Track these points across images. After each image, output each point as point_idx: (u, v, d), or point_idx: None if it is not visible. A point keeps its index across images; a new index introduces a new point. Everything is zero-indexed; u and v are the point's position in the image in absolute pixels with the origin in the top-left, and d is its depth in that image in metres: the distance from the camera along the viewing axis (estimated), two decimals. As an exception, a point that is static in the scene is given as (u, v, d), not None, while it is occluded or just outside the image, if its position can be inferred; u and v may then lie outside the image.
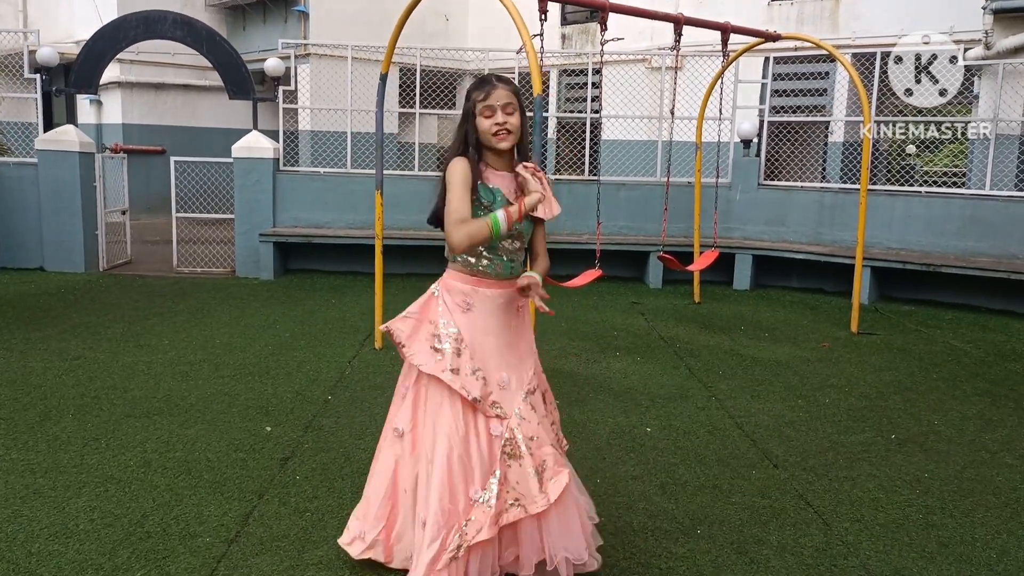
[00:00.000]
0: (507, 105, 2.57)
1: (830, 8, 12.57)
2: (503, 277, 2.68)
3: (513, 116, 2.58)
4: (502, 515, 2.54)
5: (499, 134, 2.58)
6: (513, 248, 2.71)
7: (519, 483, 2.56)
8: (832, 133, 12.12)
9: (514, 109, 2.58)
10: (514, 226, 2.61)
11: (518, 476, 2.56)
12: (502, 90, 2.58)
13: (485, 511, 2.52)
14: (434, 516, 2.50)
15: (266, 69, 9.95)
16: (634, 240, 9.43)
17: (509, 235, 2.64)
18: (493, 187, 2.63)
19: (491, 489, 2.54)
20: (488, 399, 2.60)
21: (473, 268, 2.67)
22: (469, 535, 2.49)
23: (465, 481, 2.54)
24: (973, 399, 5.22)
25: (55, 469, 3.65)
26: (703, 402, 4.98)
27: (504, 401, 2.62)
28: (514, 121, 2.58)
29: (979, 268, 7.97)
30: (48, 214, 9.04)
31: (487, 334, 2.66)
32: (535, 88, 4.50)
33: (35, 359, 5.48)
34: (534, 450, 2.60)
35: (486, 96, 2.57)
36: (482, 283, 2.67)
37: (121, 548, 2.95)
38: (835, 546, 3.17)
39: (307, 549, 2.99)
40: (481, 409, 2.59)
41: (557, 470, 2.62)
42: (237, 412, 4.52)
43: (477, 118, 2.60)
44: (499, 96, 2.56)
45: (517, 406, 2.63)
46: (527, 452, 2.58)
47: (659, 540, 3.16)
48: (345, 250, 9.39)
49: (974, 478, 3.90)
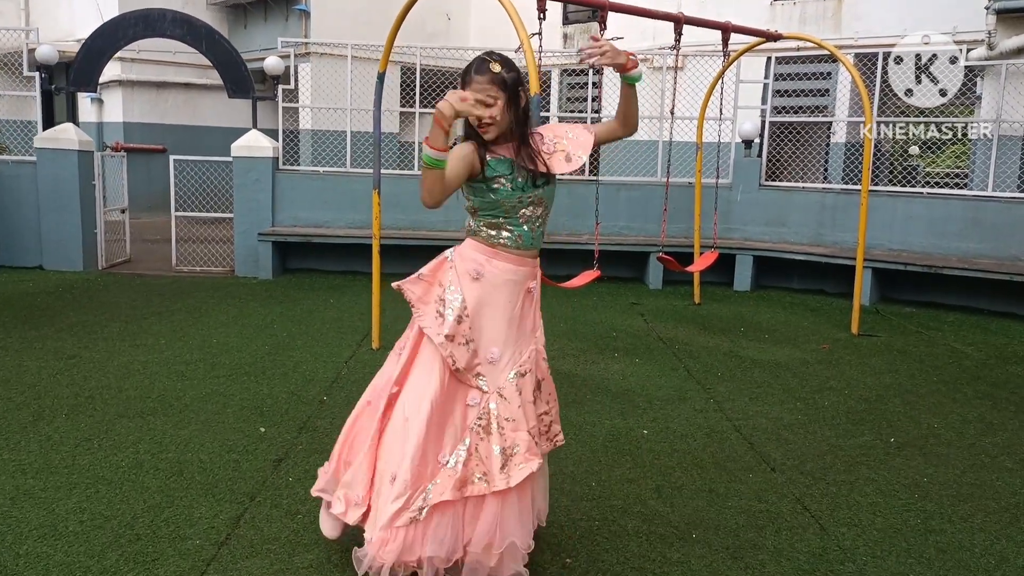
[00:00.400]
0: (486, 98, 2.50)
1: (832, 8, 12.53)
2: (524, 248, 2.67)
3: (494, 108, 2.51)
4: (467, 485, 2.55)
5: (482, 128, 2.55)
6: (535, 216, 2.67)
7: (487, 458, 2.57)
8: (834, 134, 12.08)
9: (495, 99, 2.51)
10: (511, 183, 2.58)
11: (486, 451, 2.58)
12: (476, 83, 2.50)
13: (450, 475, 2.55)
14: (404, 474, 2.53)
15: (266, 68, 9.94)
16: (634, 240, 9.39)
17: (530, 201, 2.63)
18: (504, 158, 2.60)
19: (459, 455, 2.57)
20: (473, 369, 2.62)
21: (493, 241, 2.66)
22: (432, 496, 2.53)
23: (437, 445, 2.58)
24: (974, 402, 5.18)
25: (46, 470, 3.62)
26: (701, 404, 4.94)
27: (489, 375, 2.63)
28: (493, 112, 2.51)
29: (981, 270, 7.93)
30: (47, 212, 9.02)
31: (489, 306, 2.65)
32: (532, 88, 4.47)
33: (30, 358, 5.46)
34: (507, 431, 2.59)
35: (464, 87, 2.54)
36: (499, 255, 2.66)
37: (110, 550, 2.92)
38: (832, 551, 3.13)
39: (298, 552, 2.96)
40: (463, 379, 2.62)
41: (528, 457, 2.58)
42: (232, 413, 4.49)
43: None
44: (473, 91, 2.49)
45: (501, 384, 2.63)
46: (497, 431, 2.59)
47: (654, 544, 3.13)
48: (345, 250, 9.36)
49: (973, 483, 3.87)
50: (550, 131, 2.78)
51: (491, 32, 15.51)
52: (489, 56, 2.56)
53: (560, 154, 2.69)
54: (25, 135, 9.78)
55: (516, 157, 2.60)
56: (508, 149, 2.62)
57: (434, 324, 2.63)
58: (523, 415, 2.62)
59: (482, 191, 2.61)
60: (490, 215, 2.64)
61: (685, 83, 9.81)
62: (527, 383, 2.67)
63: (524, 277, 2.70)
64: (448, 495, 2.52)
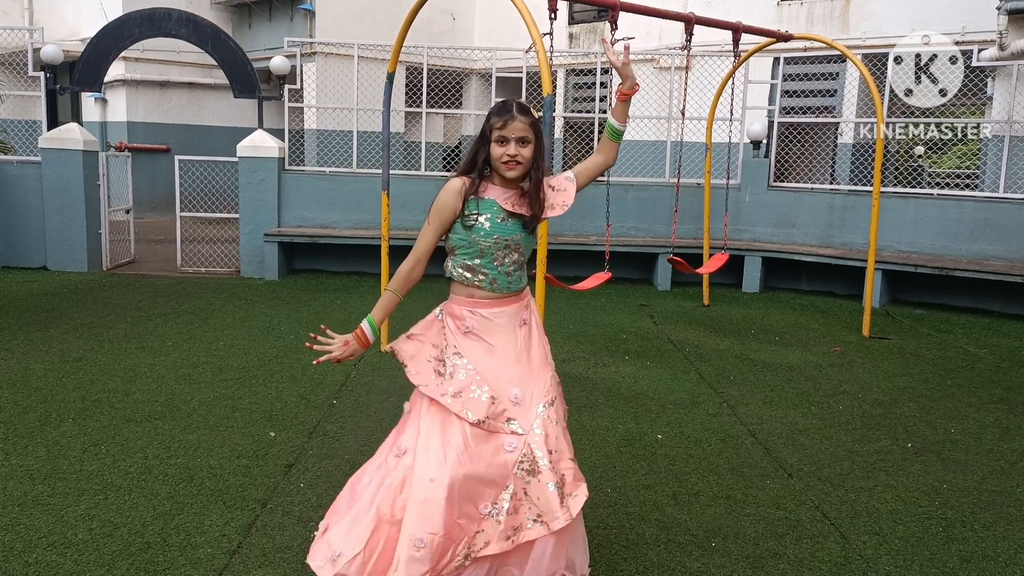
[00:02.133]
0: (522, 139, 2.56)
1: (840, 8, 12.47)
2: (501, 292, 2.64)
3: (526, 148, 2.57)
4: (520, 532, 2.47)
5: (509, 163, 2.58)
6: (511, 261, 2.65)
7: (539, 499, 2.48)
8: (841, 134, 12.02)
9: (529, 142, 2.58)
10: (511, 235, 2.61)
11: (538, 492, 2.48)
12: (519, 122, 2.56)
13: (494, 525, 2.46)
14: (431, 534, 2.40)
15: (272, 67, 9.90)
16: (642, 242, 9.33)
17: (506, 244, 2.60)
18: (488, 199, 2.60)
19: (501, 504, 2.47)
20: (502, 416, 2.53)
21: (469, 283, 2.64)
22: (478, 546, 2.44)
23: (472, 499, 2.47)
24: (990, 406, 5.12)
25: (54, 475, 3.57)
26: (714, 408, 4.89)
27: (520, 416, 2.55)
28: (526, 153, 2.58)
29: (992, 272, 7.86)
30: (51, 213, 8.98)
31: (491, 353, 2.62)
32: (544, 88, 4.41)
33: (36, 361, 5.41)
34: (554, 464, 2.52)
35: (503, 125, 2.56)
36: (479, 303, 2.64)
37: (120, 559, 2.87)
38: (854, 560, 3.08)
39: (311, 561, 2.90)
40: (490, 427, 2.52)
41: (576, 484, 2.54)
42: (240, 417, 4.44)
43: (492, 143, 2.58)
44: (515, 129, 2.55)
45: (534, 420, 2.55)
46: (547, 467, 2.50)
47: (672, 553, 3.08)
48: (350, 250, 9.31)
49: (994, 489, 3.81)
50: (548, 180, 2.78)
51: (496, 31, 15.47)
52: (518, 102, 2.64)
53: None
54: (30, 135, 9.74)
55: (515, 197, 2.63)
56: (502, 192, 2.63)
57: (434, 384, 2.58)
58: (565, 442, 2.59)
59: (459, 228, 2.61)
60: (465, 255, 2.62)
61: (692, 83, 9.74)
62: (557, 409, 2.63)
63: (512, 314, 2.68)
64: (493, 548, 2.44)
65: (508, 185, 2.64)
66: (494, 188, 2.63)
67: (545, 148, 2.71)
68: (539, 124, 2.64)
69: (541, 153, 2.65)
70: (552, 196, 2.72)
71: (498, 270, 2.63)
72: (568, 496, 2.50)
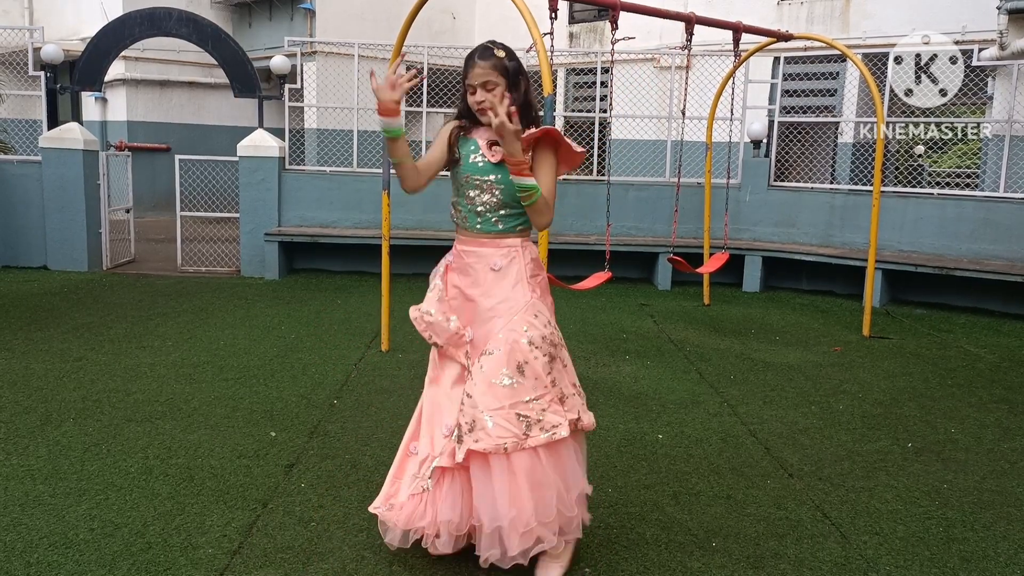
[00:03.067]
0: (486, 83, 2.63)
1: (840, 7, 12.46)
2: (474, 232, 2.78)
3: (494, 91, 2.63)
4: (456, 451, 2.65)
5: (481, 110, 2.66)
6: (482, 201, 2.73)
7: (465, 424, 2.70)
8: (841, 134, 12.02)
9: (496, 84, 2.63)
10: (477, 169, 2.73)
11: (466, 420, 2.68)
12: (479, 68, 2.63)
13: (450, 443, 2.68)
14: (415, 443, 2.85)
15: (272, 67, 9.90)
16: (643, 241, 9.34)
17: (477, 184, 2.71)
18: (472, 138, 2.76)
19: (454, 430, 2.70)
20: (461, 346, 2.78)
21: (453, 219, 2.87)
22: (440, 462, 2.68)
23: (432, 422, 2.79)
24: (990, 406, 5.12)
25: (55, 475, 3.58)
26: (715, 408, 4.89)
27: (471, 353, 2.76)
28: (494, 96, 2.62)
29: (993, 271, 7.86)
30: (51, 212, 8.98)
31: (457, 286, 2.83)
32: (545, 88, 4.42)
33: (37, 360, 5.41)
34: (466, 407, 2.64)
35: (466, 74, 2.66)
36: (459, 240, 2.83)
37: (121, 559, 2.88)
38: (854, 560, 3.08)
39: (312, 561, 2.91)
40: (451, 354, 2.80)
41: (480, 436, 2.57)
42: (241, 417, 4.44)
43: (466, 93, 2.70)
44: (476, 75, 2.64)
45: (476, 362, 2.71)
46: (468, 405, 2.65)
47: (673, 553, 3.08)
48: (351, 250, 9.32)
49: (995, 489, 3.81)
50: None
51: (496, 31, 15.43)
52: (492, 43, 2.69)
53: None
54: (30, 135, 9.74)
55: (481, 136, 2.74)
56: (487, 131, 2.71)
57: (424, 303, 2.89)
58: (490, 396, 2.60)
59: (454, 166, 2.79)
60: (452, 191, 2.85)
61: (692, 83, 9.73)
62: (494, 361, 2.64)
63: (484, 256, 2.76)
64: (443, 460, 2.66)
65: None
66: (481, 130, 2.74)
67: (531, 91, 2.74)
68: (507, 63, 2.64)
69: (520, 93, 2.67)
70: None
71: (468, 208, 2.76)
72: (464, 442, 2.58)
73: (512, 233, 2.76)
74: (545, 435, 2.60)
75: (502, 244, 2.75)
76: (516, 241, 2.77)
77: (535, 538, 2.59)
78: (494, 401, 2.59)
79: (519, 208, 2.72)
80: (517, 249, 2.77)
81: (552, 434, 2.61)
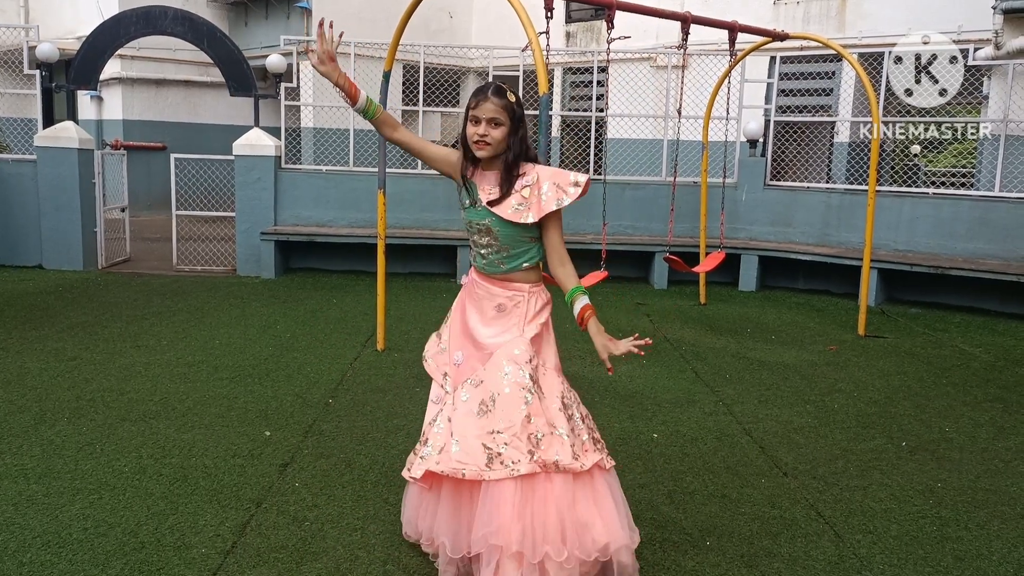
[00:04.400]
0: (492, 119, 2.65)
1: (836, 7, 12.47)
2: (484, 272, 2.86)
3: (497, 130, 2.66)
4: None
5: (478, 143, 2.69)
6: (484, 244, 2.80)
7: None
8: (837, 133, 12.02)
9: (500, 123, 2.67)
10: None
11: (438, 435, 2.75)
12: (491, 104, 2.66)
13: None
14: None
15: (268, 65, 9.88)
16: (639, 240, 9.34)
17: (477, 228, 2.78)
18: (473, 181, 2.78)
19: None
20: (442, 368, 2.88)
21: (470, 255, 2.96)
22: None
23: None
24: (984, 405, 5.13)
25: (49, 475, 3.57)
26: (710, 407, 4.89)
27: (454, 377, 2.82)
28: (496, 135, 2.66)
29: (988, 271, 7.88)
30: (47, 211, 8.96)
31: (459, 312, 2.92)
32: (541, 87, 4.41)
33: (31, 359, 5.40)
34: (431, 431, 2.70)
35: (476, 105, 2.69)
36: (475, 270, 2.91)
37: (114, 559, 2.87)
38: (848, 559, 3.08)
39: (305, 561, 2.90)
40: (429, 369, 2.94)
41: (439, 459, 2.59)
42: (236, 416, 4.43)
43: (468, 122, 2.72)
44: (486, 110, 2.66)
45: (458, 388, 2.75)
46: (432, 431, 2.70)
47: (667, 552, 3.08)
48: (347, 249, 9.31)
49: (988, 488, 3.82)
50: (552, 178, 2.72)
51: (493, 30, 15.46)
52: (503, 85, 2.75)
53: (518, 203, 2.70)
54: (25, 133, 9.72)
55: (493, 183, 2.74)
56: (482, 176, 2.77)
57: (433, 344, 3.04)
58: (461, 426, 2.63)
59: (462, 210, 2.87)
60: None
61: (689, 82, 9.75)
62: (477, 394, 2.67)
63: (492, 294, 2.82)
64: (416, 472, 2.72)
65: (491, 169, 2.74)
66: (480, 173, 2.78)
67: (528, 138, 2.76)
68: (516, 108, 2.71)
69: (518, 139, 2.71)
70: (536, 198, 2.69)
71: (476, 249, 2.86)
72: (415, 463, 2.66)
73: (518, 271, 2.80)
74: (505, 470, 2.55)
75: (510, 287, 2.82)
76: (524, 286, 2.82)
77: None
78: (463, 429, 2.62)
79: (518, 248, 2.78)
80: (524, 295, 2.82)
81: (512, 470, 2.55)
